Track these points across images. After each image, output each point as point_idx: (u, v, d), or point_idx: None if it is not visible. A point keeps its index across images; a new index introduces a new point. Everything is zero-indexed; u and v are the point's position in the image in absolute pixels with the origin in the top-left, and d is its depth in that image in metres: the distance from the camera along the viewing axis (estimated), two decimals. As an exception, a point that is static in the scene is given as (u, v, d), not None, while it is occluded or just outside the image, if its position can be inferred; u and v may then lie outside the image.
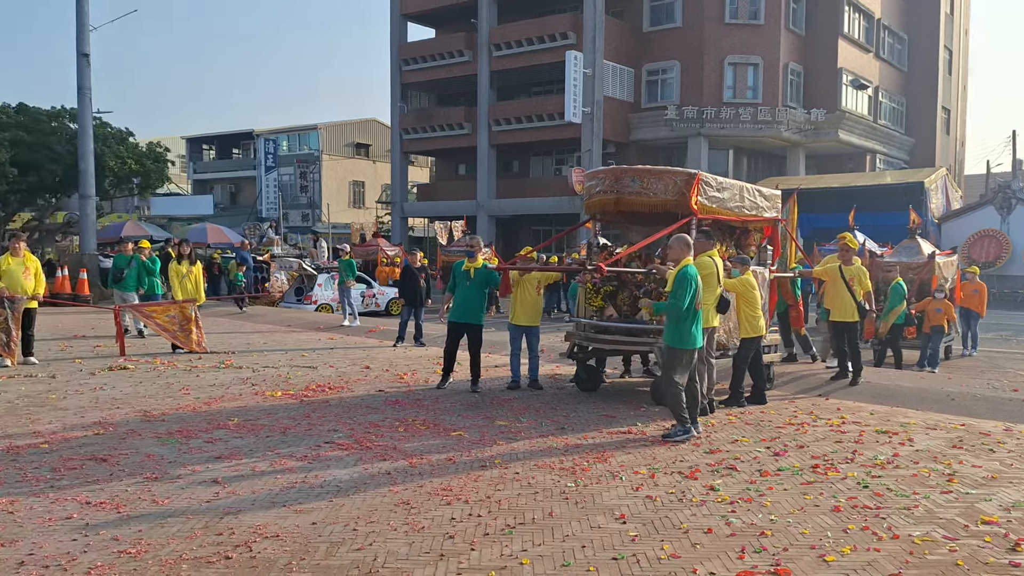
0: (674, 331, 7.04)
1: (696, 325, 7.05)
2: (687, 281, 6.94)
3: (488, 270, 9.73)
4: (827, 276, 10.15)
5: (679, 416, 7.03)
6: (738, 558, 4.30)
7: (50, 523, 4.75)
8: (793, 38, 34.64)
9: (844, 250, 10.10)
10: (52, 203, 29.47)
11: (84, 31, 21.32)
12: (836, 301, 9.95)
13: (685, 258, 7.18)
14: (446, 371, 9.67)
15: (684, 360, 7.07)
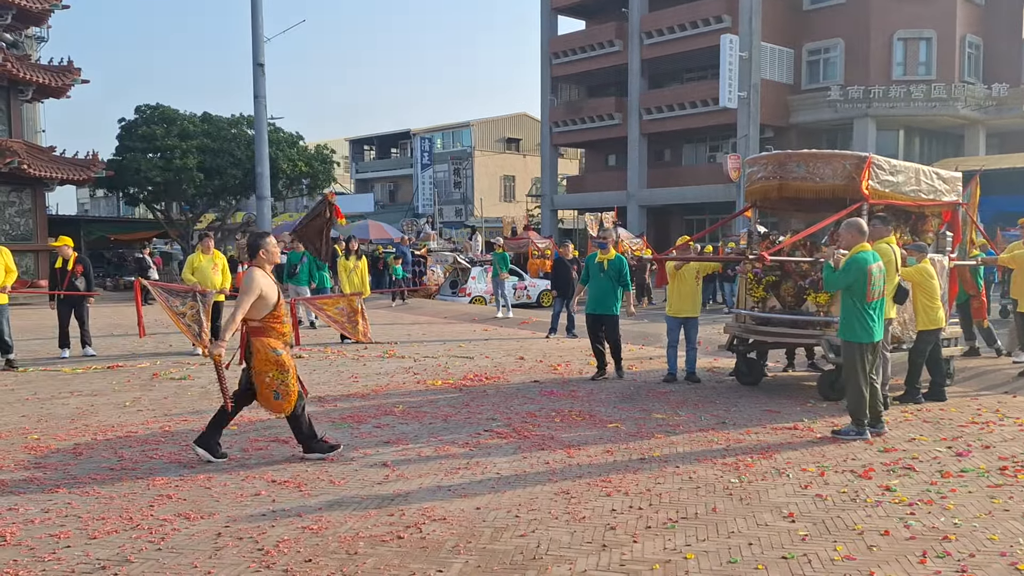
0: (845, 324, 6.72)
1: (871, 317, 6.65)
2: (852, 267, 6.60)
3: (621, 261, 9.69)
4: (1015, 264, 9.33)
5: (856, 416, 6.66)
6: (919, 563, 4.06)
7: (241, 499, 5.15)
8: (971, 8, 32.01)
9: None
10: (233, 204, 31.78)
11: (259, 42, 22.79)
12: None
13: (858, 244, 6.79)
14: (600, 364, 9.67)
15: (860, 355, 6.67)
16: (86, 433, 6.93)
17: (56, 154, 23.60)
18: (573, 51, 38.15)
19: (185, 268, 11.98)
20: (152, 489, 5.34)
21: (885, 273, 6.80)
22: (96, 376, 9.84)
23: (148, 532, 4.55)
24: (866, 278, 6.56)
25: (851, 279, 6.59)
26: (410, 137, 55.17)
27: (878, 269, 6.66)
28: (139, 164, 26.21)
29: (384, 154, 61.57)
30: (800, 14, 33.30)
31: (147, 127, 26.90)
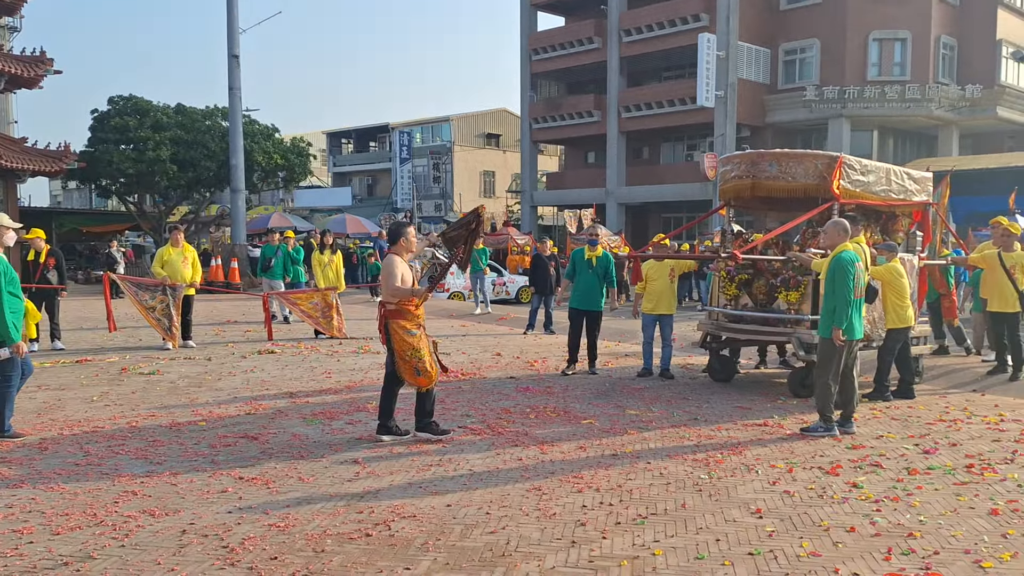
0: (826, 321, 6.75)
1: (855, 314, 6.72)
2: (842, 268, 6.66)
3: (608, 259, 9.83)
4: (985, 263, 9.46)
5: (824, 412, 6.73)
6: (884, 559, 4.10)
7: (208, 496, 5.10)
8: (945, 9, 32.36)
9: (1003, 236, 9.37)
10: (207, 197, 31.45)
11: (234, 34, 22.62)
12: (995, 290, 9.26)
13: (841, 244, 6.86)
14: (572, 359, 9.75)
15: (839, 352, 6.73)
16: (52, 428, 6.83)
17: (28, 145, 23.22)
18: (553, 47, 38.13)
19: (155, 261, 11.85)
20: (117, 485, 5.28)
21: (860, 271, 6.86)
22: (64, 370, 9.71)
23: (112, 528, 4.50)
24: (855, 275, 6.66)
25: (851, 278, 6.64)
26: (389, 131, 54.89)
27: (860, 267, 6.76)
28: (112, 156, 25.85)
29: (362, 148, 61.23)
30: (777, 14, 33.49)
31: (120, 118, 26.54)
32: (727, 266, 8.86)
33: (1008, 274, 9.10)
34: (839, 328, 6.66)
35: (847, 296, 6.62)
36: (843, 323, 6.66)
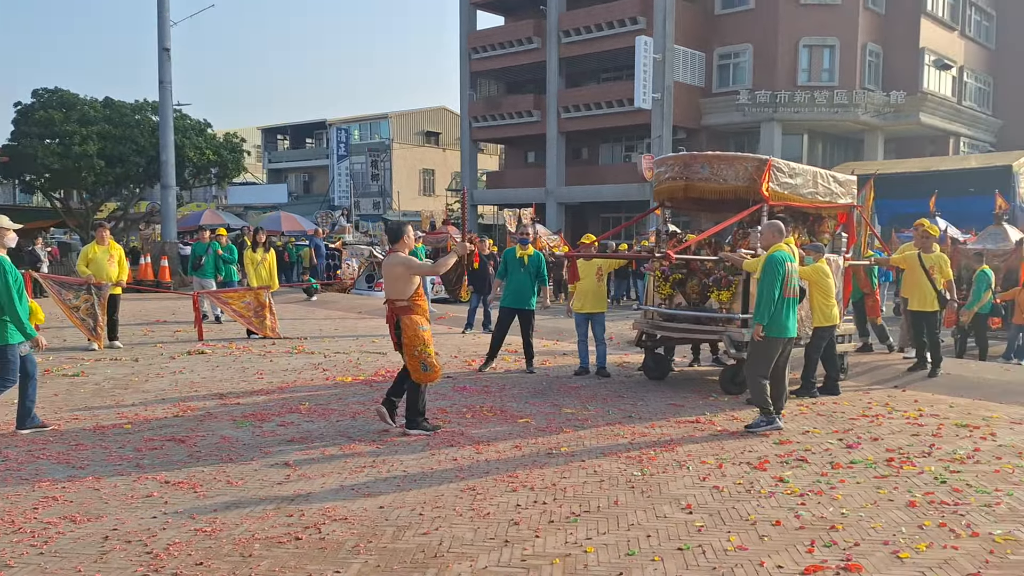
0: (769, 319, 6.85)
1: (786, 313, 6.87)
2: (771, 267, 6.81)
3: (540, 258, 9.95)
4: (906, 264, 9.81)
5: (764, 408, 6.84)
6: (807, 552, 4.21)
7: (132, 501, 4.96)
8: (872, 17, 33.44)
9: (923, 237, 9.74)
10: (136, 193, 30.56)
11: (165, 26, 22.03)
12: (915, 290, 9.61)
13: (775, 244, 7.01)
14: (491, 355, 9.85)
15: (772, 350, 6.88)
16: (-33, 433, 6.55)
17: (-56, 138, 22.23)
18: (492, 46, 38.15)
19: (79, 260, 11.46)
20: (37, 491, 5.10)
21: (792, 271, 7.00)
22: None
23: (31, 535, 4.34)
24: (784, 275, 6.80)
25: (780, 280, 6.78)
26: (326, 127, 54.18)
27: (793, 268, 6.91)
28: (36, 150, 24.90)
29: (298, 144, 60.27)
30: (711, 19, 34.14)
31: (45, 112, 25.58)
32: (661, 266, 9.00)
33: (927, 274, 9.45)
34: (760, 324, 6.83)
35: (771, 295, 6.77)
36: (764, 320, 6.82)
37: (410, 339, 6.43)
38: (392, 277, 6.57)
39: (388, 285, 6.65)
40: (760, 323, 6.86)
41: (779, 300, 6.81)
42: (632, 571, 3.97)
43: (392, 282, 6.59)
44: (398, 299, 6.53)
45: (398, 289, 6.54)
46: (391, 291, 6.59)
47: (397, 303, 6.53)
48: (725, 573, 3.95)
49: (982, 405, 8.02)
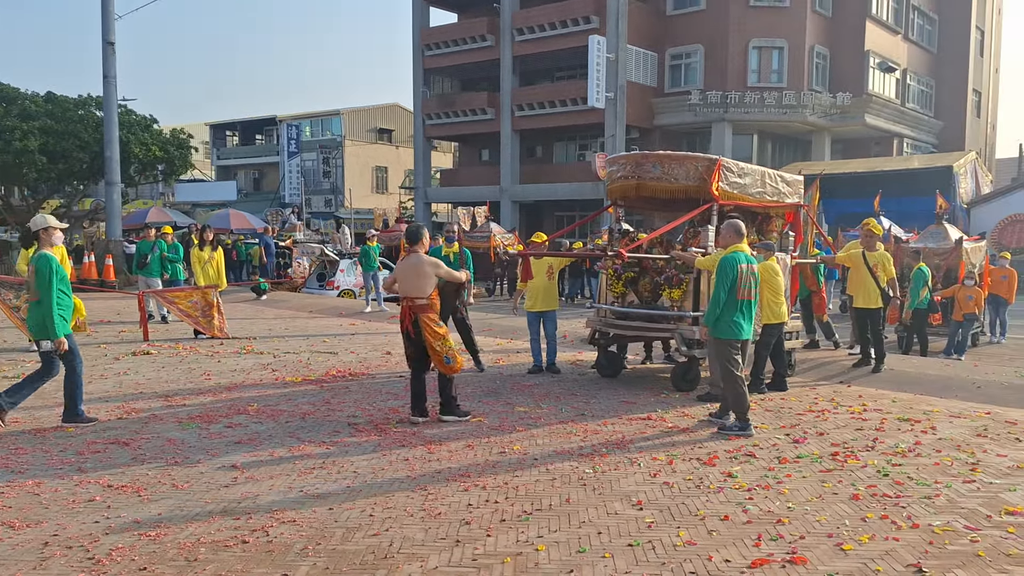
0: (717, 321, 6.87)
1: (741, 314, 6.87)
2: (721, 269, 6.85)
3: (467, 254, 10.04)
4: (850, 262, 10.03)
5: (742, 413, 6.77)
6: (754, 546, 4.28)
7: (74, 505, 4.83)
8: (819, 20, 34.12)
9: (867, 236, 9.96)
10: (80, 190, 29.81)
11: (109, 19, 21.49)
12: (859, 287, 9.83)
13: (732, 245, 7.01)
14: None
15: (730, 352, 6.88)
16: None
17: None
18: (446, 43, 38.01)
19: (19, 259, 11.12)
20: (-29, 498, 4.92)
21: (758, 276, 7.05)
22: (-86, 375, 8.98)
23: (-36, 545, 4.19)
24: (737, 276, 6.79)
25: (729, 280, 6.77)
26: (276, 123, 53.44)
27: (748, 269, 6.90)
28: (-27, 146, 24.14)
29: (248, 140, 59.35)
30: (663, 19, 34.49)
31: (-18, 106, 24.81)
32: (614, 264, 9.06)
33: (871, 272, 9.68)
34: (705, 327, 6.91)
35: (718, 296, 6.83)
36: (709, 322, 6.89)
37: (432, 335, 6.83)
38: (416, 275, 6.90)
39: (410, 283, 6.92)
40: (706, 325, 6.94)
41: (730, 302, 6.82)
42: (583, 568, 3.99)
43: (415, 280, 6.90)
44: (419, 297, 6.85)
45: (420, 287, 6.88)
46: (412, 290, 6.89)
47: (417, 301, 6.85)
48: (674, 568, 3.99)
49: (923, 400, 8.24)
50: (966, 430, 6.91)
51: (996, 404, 7.98)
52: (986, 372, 9.68)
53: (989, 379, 9.14)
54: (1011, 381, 9.10)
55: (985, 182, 31.50)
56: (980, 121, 43.61)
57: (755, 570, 3.97)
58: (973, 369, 9.97)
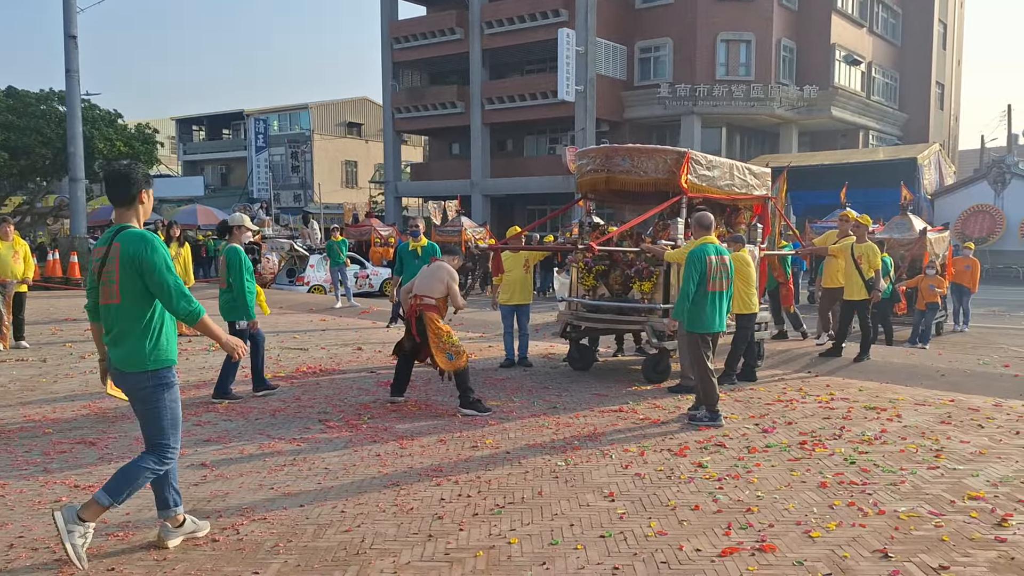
0: (688, 314, 6.92)
1: (710, 308, 6.92)
2: (688, 262, 6.91)
3: (434, 248, 10.07)
4: (841, 253, 10.10)
5: (711, 404, 6.83)
6: (724, 535, 4.33)
7: (40, 506, 4.75)
8: (786, 14, 34.44)
9: (857, 227, 10.03)
10: (43, 186, 29.25)
11: (71, 12, 21.06)
12: (848, 279, 9.90)
13: (702, 237, 7.08)
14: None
15: (700, 345, 6.92)
16: None
17: None
18: (414, 36, 37.83)
19: None
20: (-67, 501, 4.83)
21: (730, 266, 7.11)
22: None
23: (-75, 550, 4.11)
24: (706, 269, 6.85)
25: (698, 273, 6.82)
26: (243, 118, 52.85)
27: (718, 261, 6.95)
28: (-70, 141, 23.59)
29: (215, 135, 58.66)
30: (632, 12, 34.61)
31: (-60, 100, 24.24)
32: (584, 257, 9.09)
33: (856, 264, 9.77)
34: (675, 320, 7.02)
35: (689, 289, 6.87)
36: (680, 316, 6.96)
37: (435, 332, 7.06)
38: (432, 277, 7.28)
39: (424, 283, 7.26)
40: (676, 318, 7.02)
41: (700, 294, 6.87)
42: (555, 560, 4.01)
43: (429, 281, 7.27)
44: (428, 296, 7.14)
45: (431, 288, 7.21)
46: (425, 289, 7.20)
47: (425, 299, 7.13)
48: (646, 559, 4.02)
49: (889, 388, 8.37)
50: (930, 417, 7.04)
51: (959, 392, 8.13)
52: (950, 360, 9.87)
53: (953, 367, 9.31)
54: (974, 369, 9.29)
55: (948, 173, 32.07)
56: (943, 113, 44.35)
57: (725, 559, 4.02)
58: (937, 357, 10.15)
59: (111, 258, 3.91)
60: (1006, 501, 4.84)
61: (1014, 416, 7.09)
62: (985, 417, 7.05)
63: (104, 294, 3.95)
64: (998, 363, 9.74)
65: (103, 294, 3.96)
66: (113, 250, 3.91)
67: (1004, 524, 4.47)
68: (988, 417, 7.05)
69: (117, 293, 3.89)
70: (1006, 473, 5.40)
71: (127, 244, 3.88)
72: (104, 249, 3.96)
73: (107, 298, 3.94)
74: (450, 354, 7.05)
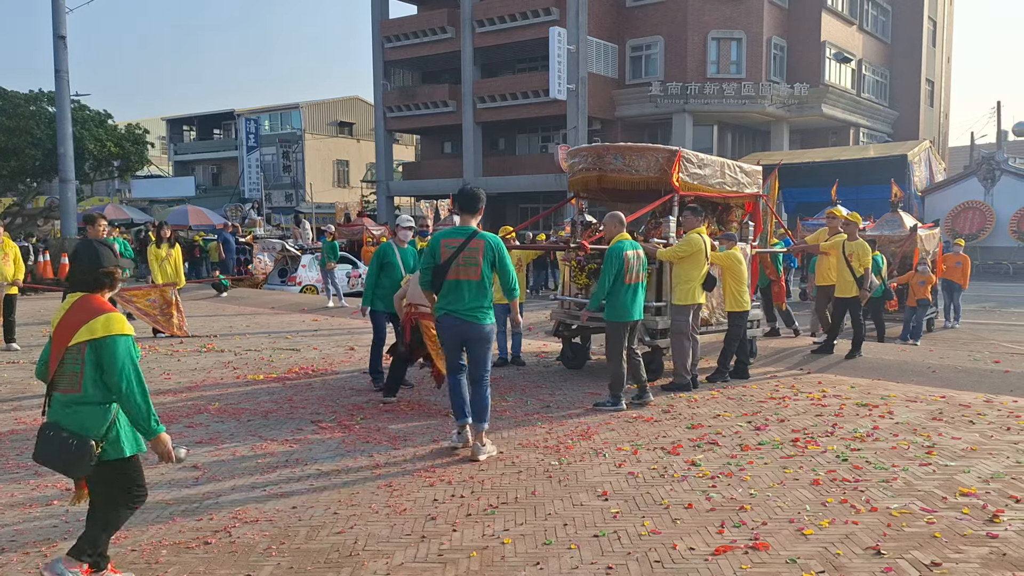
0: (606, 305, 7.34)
1: (628, 297, 7.29)
2: (609, 259, 7.25)
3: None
4: (834, 251, 10.12)
5: (615, 389, 7.34)
6: (717, 533, 4.33)
7: (31, 510, 4.73)
8: (776, 11, 34.50)
9: (847, 225, 10.05)
10: (33, 188, 29.16)
11: (60, 13, 20.94)
12: (840, 277, 9.91)
13: (616, 235, 7.45)
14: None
15: (620, 333, 7.34)
16: None
17: None
18: (406, 35, 37.77)
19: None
20: (-78, 506, 4.80)
21: (644, 260, 7.48)
22: None
23: (-86, 555, 4.08)
24: (623, 264, 7.22)
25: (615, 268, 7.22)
26: (234, 118, 52.67)
27: (634, 255, 7.33)
28: (-81, 142, 23.46)
29: (206, 135, 58.44)
30: (623, 10, 34.62)
31: (-72, 101, 24.11)
32: (577, 256, 9.08)
33: (847, 261, 9.78)
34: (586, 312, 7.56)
35: (605, 283, 7.23)
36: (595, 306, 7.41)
37: (431, 339, 7.03)
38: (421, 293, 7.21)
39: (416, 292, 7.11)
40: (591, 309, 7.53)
41: (617, 287, 7.23)
42: (549, 560, 4.01)
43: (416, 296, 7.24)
44: (422, 304, 7.04)
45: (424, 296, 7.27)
46: (418, 297, 7.06)
47: (421, 308, 7.10)
48: (639, 558, 4.03)
49: (880, 385, 8.40)
50: (922, 414, 7.06)
51: (951, 388, 8.16)
52: (941, 356, 9.90)
53: (944, 363, 9.35)
54: (965, 365, 9.32)
55: (939, 170, 32.17)
56: (933, 110, 44.52)
57: (719, 557, 4.02)
58: (928, 354, 10.19)
59: (474, 248, 5.73)
60: (997, 497, 4.86)
61: (1005, 412, 7.12)
62: (976, 413, 7.08)
63: (465, 273, 5.73)
64: (989, 359, 9.78)
65: (464, 273, 5.73)
66: (476, 243, 5.73)
67: (995, 520, 4.48)
68: (979, 413, 7.08)
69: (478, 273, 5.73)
70: (997, 469, 5.42)
71: (488, 240, 5.78)
72: (462, 241, 5.73)
73: (468, 276, 5.74)
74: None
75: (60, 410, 3.56)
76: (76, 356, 3.51)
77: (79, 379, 3.52)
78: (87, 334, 3.48)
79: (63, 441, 3.47)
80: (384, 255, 8.42)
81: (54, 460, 3.54)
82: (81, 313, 3.52)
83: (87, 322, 3.48)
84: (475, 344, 5.82)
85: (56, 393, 3.57)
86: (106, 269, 3.64)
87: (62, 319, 3.57)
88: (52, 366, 3.59)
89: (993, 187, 27.35)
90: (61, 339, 3.54)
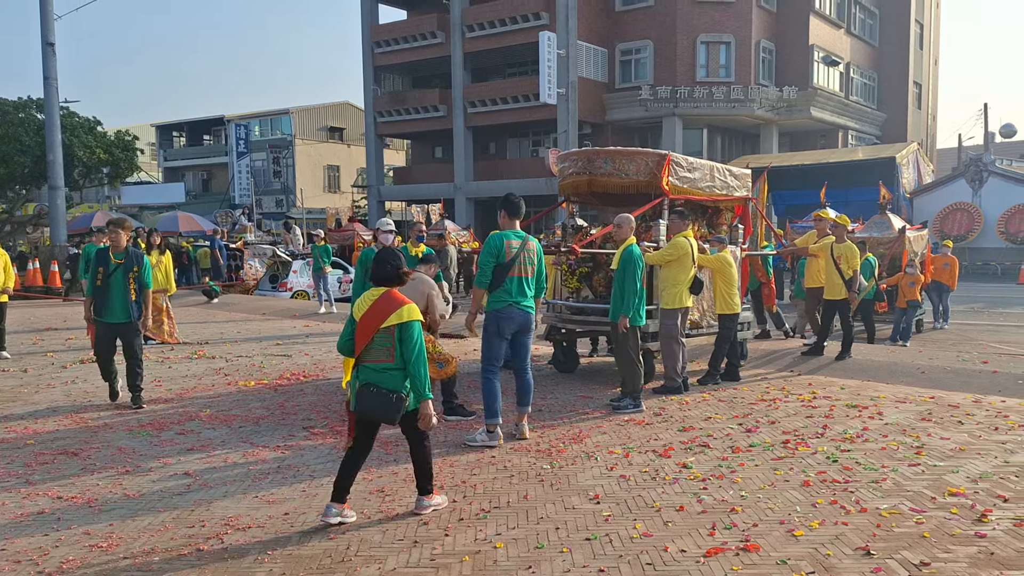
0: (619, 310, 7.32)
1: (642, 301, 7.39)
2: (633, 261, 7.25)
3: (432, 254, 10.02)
4: (822, 253, 10.16)
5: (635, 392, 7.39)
6: (708, 535, 4.35)
7: (22, 518, 4.71)
8: (765, 15, 34.67)
9: (835, 227, 10.09)
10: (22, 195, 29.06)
11: (49, 20, 20.91)
12: (829, 279, 9.96)
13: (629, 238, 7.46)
14: None
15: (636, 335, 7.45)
16: None
17: None
18: (396, 40, 37.79)
19: None
20: (-88, 516, 4.77)
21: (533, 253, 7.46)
22: None
23: (-95, 565, 4.06)
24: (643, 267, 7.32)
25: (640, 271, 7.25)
26: (224, 123, 52.55)
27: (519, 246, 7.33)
28: (-92, 150, 23.34)
29: (195, 141, 58.29)
30: (613, 15, 34.73)
31: (-84, 109, 23.99)
32: (568, 259, 9.11)
33: (835, 263, 9.83)
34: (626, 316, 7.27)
35: (634, 286, 7.24)
36: (628, 311, 7.26)
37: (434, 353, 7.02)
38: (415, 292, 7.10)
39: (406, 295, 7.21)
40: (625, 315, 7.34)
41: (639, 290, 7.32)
42: (541, 564, 4.02)
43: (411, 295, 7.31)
44: None
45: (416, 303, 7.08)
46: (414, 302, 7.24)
47: None
48: (631, 560, 4.04)
49: (870, 386, 8.45)
50: (911, 414, 7.11)
51: (940, 388, 8.21)
52: (930, 357, 9.96)
53: (933, 364, 9.41)
54: (954, 366, 9.38)
55: (927, 172, 32.38)
56: (921, 112, 44.78)
57: (710, 559, 4.04)
58: (918, 355, 10.24)
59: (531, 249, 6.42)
60: (986, 497, 4.90)
61: (993, 412, 7.17)
62: (965, 413, 7.13)
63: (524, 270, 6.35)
64: (977, 359, 9.84)
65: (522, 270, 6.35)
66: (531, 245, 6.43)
67: (984, 520, 4.52)
68: (968, 413, 7.13)
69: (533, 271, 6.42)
70: (986, 469, 5.46)
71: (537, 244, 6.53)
72: (521, 243, 6.34)
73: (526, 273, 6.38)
74: (439, 363, 7.07)
75: (375, 375, 4.49)
76: (387, 335, 4.47)
77: (392, 352, 4.49)
78: (396, 319, 4.47)
79: (385, 396, 4.42)
80: (368, 260, 8.43)
81: (380, 411, 4.47)
82: (389, 303, 4.50)
83: (395, 310, 4.47)
84: (527, 333, 6.45)
85: (367, 363, 4.49)
86: (405, 270, 4.68)
87: (370, 308, 4.50)
88: (360, 343, 4.50)
89: (981, 188, 27.55)
90: (371, 323, 4.48)
